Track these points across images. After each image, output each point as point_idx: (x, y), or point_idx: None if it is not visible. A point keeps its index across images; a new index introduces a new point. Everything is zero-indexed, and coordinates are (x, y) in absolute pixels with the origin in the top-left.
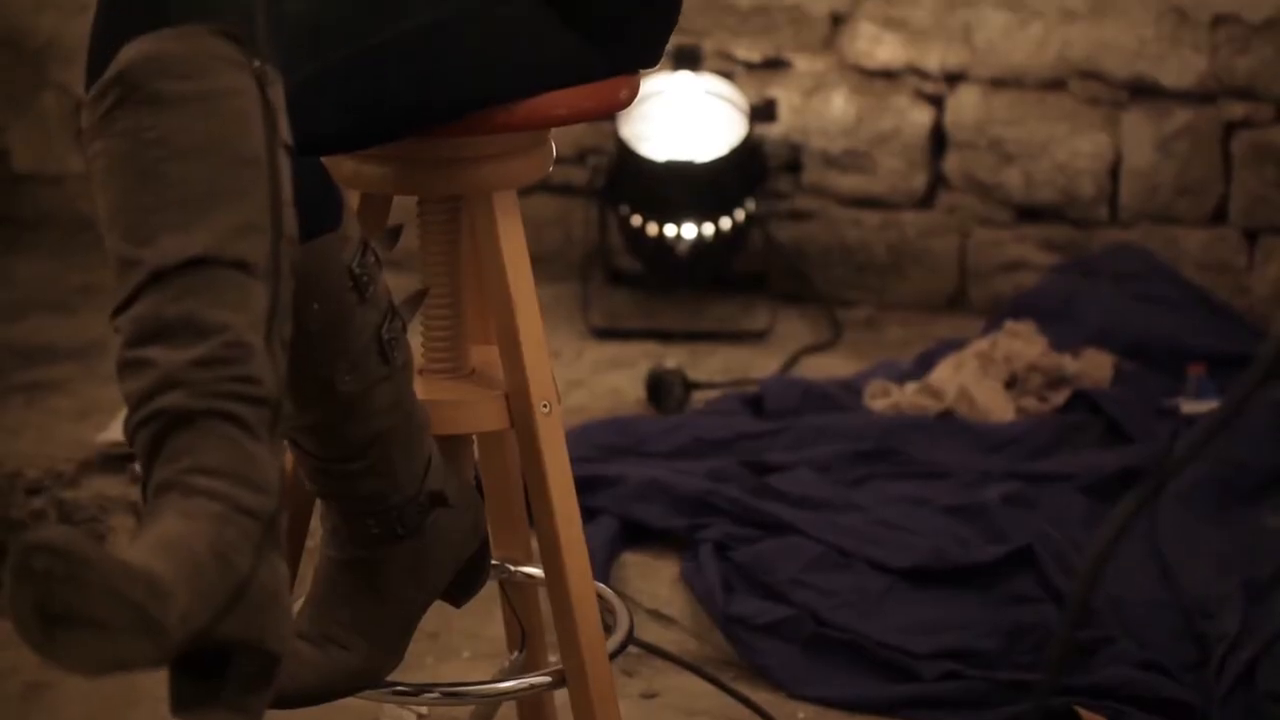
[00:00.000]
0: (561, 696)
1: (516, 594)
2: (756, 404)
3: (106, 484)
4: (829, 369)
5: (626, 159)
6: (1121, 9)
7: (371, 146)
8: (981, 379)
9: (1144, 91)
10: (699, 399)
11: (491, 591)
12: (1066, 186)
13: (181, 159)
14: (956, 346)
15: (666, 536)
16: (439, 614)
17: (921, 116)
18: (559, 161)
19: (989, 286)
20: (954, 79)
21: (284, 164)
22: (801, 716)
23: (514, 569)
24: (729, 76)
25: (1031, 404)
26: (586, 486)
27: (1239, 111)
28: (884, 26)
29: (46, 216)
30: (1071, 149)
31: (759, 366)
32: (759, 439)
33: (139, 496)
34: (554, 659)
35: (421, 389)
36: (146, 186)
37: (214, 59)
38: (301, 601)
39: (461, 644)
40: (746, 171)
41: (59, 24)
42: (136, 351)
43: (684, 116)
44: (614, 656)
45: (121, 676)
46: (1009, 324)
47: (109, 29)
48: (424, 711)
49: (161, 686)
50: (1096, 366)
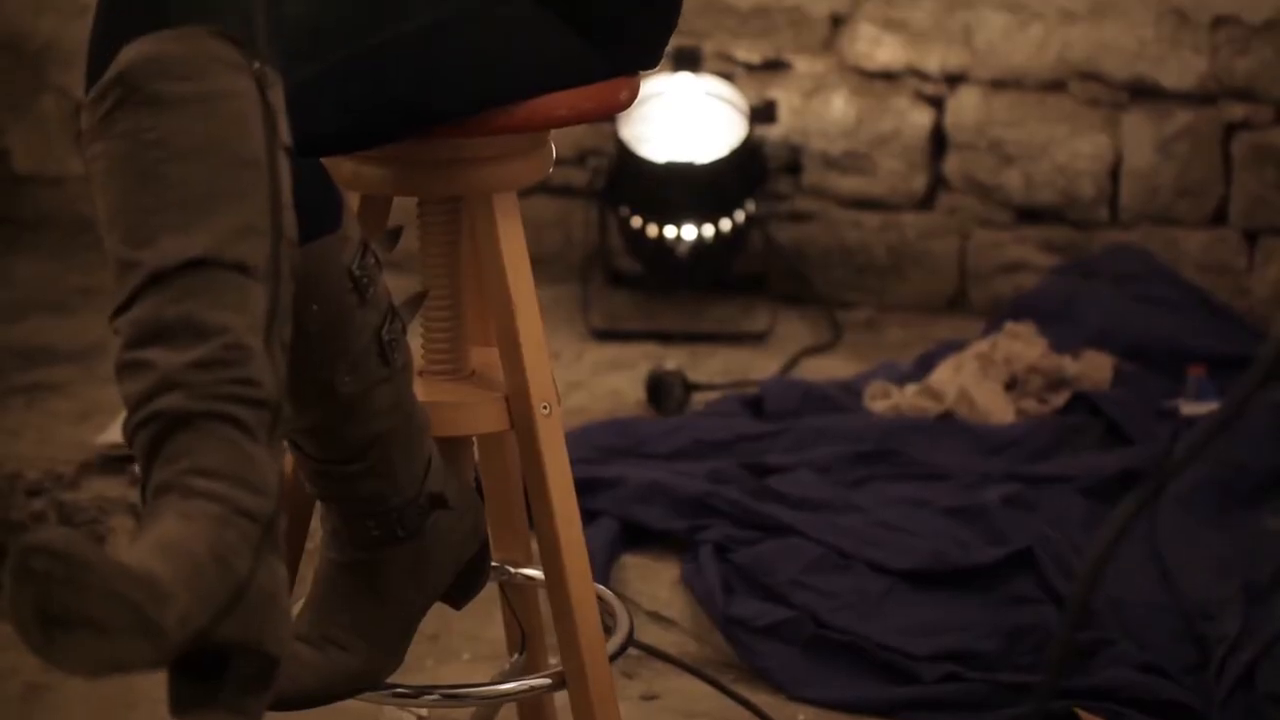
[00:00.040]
0: (561, 699)
1: (516, 596)
2: (756, 405)
3: (106, 486)
4: (829, 370)
5: (626, 160)
6: (1121, 10)
7: (371, 148)
8: (981, 380)
9: (1144, 93)
10: (699, 400)
11: (491, 593)
12: (1066, 188)
13: (181, 160)
14: (956, 348)
15: (666, 538)
16: (439, 616)
17: (921, 118)
18: (559, 163)
19: (989, 288)
20: (954, 80)
21: (284, 165)
22: (801, 718)
23: (514, 571)
24: (729, 78)
25: (1031, 405)
26: (586, 488)
27: (1239, 113)
28: (884, 28)
29: (46, 218)
30: (1071, 150)
31: (759, 368)
32: (759, 440)
33: (138, 498)
34: (554, 661)
35: (421, 390)
36: (146, 188)
37: (214, 61)
38: (301, 603)
39: (461, 646)
40: (746, 173)
41: (58, 26)
42: (136, 353)
43: (684, 118)
44: (614, 658)
45: (121, 678)
46: (1009, 325)
47: (109, 31)
48: (424, 714)
49: (161, 688)
50: (1096, 368)
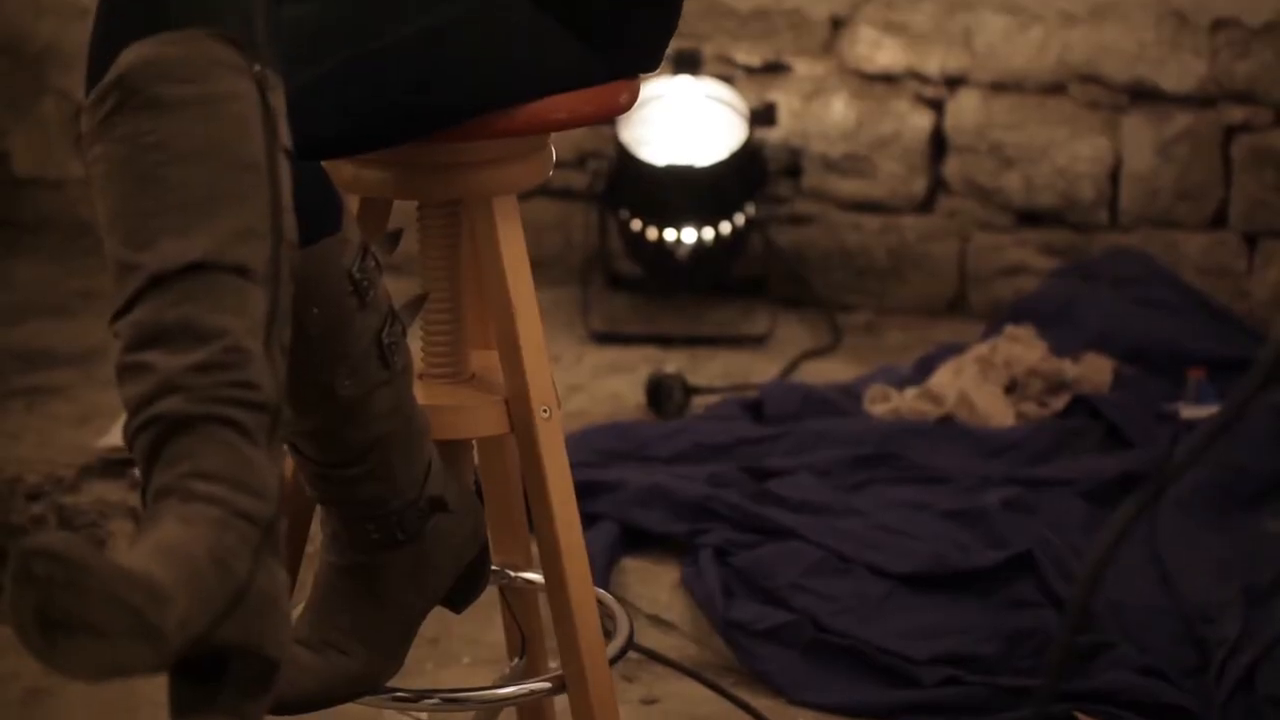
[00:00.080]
0: (562, 702)
1: (516, 599)
2: (756, 409)
3: (106, 489)
4: (829, 374)
5: (626, 163)
6: (1121, 13)
7: (371, 151)
8: (981, 384)
9: (1144, 95)
10: (699, 404)
11: (491, 597)
12: (1066, 191)
13: (181, 163)
14: (956, 351)
15: (666, 542)
16: (439, 619)
17: (921, 120)
18: (559, 166)
19: (989, 291)
20: (954, 83)
21: (284, 169)
22: None
23: (514, 574)
24: (729, 80)
25: (1031, 409)
26: (586, 492)
27: (1239, 115)
28: (884, 30)
29: (46, 221)
30: (1071, 153)
31: (759, 371)
32: (759, 444)
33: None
34: (554, 665)
35: (421, 394)
36: (146, 191)
37: (214, 63)
38: (301, 607)
39: (461, 650)
40: (746, 176)
41: (58, 29)
42: (135, 356)
43: (684, 121)
44: (614, 662)
45: (121, 682)
46: (1009, 328)
47: (109, 33)
48: (424, 717)
49: (161, 692)
50: (1096, 371)
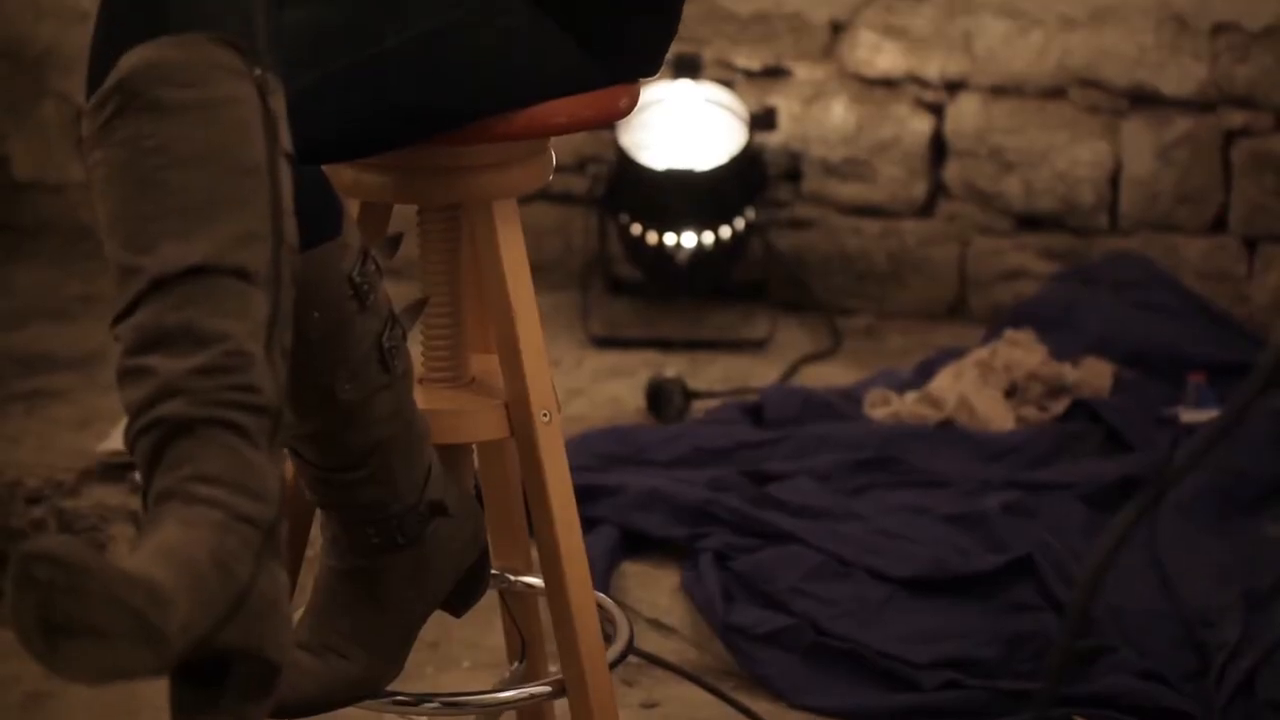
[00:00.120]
0: (561, 706)
1: (516, 603)
2: (756, 413)
3: (107, 493)
4: (829, 378)
5: (626, 167)
6: (1121, 17)
7: (371, 155)
8: (981, 388)
9: (1144, 100)
10: (699, 408)
11: (491, 601)
12: (1066, 195)
13: (182, 167)
14: (956, 355)
15: (666, 546)
16: (439, 623)
17: (921, 125)
18: (559, 170)
19: (989, 295)
20: (954, 87)
21: (285, 172)
22: None
23: (514, 578)
24: (729, 85)
25: (1031, 413)
26: (586, 496)
27: (1239, 120)
28: (884, 35)
29: (47, 225)
30: (1071, 157)
31: (759, 375)
32: (759, 448)
33: (139, 505)
34: (554, 669)
35: (421, 398)
36: (146, 195)
37: (214, 67)
38: (302, 611)
39: (461, 653)
40: (746, 180)
41: (58, 32)
42: (136, 360)
43: (684, 125)
44: (614, 666)
45: (123, 685)
46: (1009, 332)
47: (109, 37)
48: None
49: (162, 696)
50: (1096, 375)
